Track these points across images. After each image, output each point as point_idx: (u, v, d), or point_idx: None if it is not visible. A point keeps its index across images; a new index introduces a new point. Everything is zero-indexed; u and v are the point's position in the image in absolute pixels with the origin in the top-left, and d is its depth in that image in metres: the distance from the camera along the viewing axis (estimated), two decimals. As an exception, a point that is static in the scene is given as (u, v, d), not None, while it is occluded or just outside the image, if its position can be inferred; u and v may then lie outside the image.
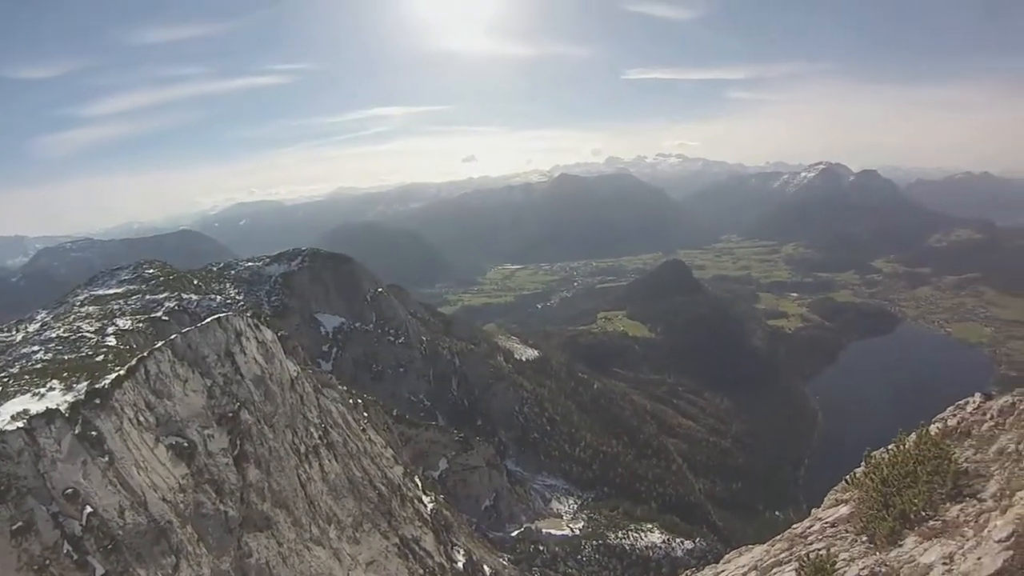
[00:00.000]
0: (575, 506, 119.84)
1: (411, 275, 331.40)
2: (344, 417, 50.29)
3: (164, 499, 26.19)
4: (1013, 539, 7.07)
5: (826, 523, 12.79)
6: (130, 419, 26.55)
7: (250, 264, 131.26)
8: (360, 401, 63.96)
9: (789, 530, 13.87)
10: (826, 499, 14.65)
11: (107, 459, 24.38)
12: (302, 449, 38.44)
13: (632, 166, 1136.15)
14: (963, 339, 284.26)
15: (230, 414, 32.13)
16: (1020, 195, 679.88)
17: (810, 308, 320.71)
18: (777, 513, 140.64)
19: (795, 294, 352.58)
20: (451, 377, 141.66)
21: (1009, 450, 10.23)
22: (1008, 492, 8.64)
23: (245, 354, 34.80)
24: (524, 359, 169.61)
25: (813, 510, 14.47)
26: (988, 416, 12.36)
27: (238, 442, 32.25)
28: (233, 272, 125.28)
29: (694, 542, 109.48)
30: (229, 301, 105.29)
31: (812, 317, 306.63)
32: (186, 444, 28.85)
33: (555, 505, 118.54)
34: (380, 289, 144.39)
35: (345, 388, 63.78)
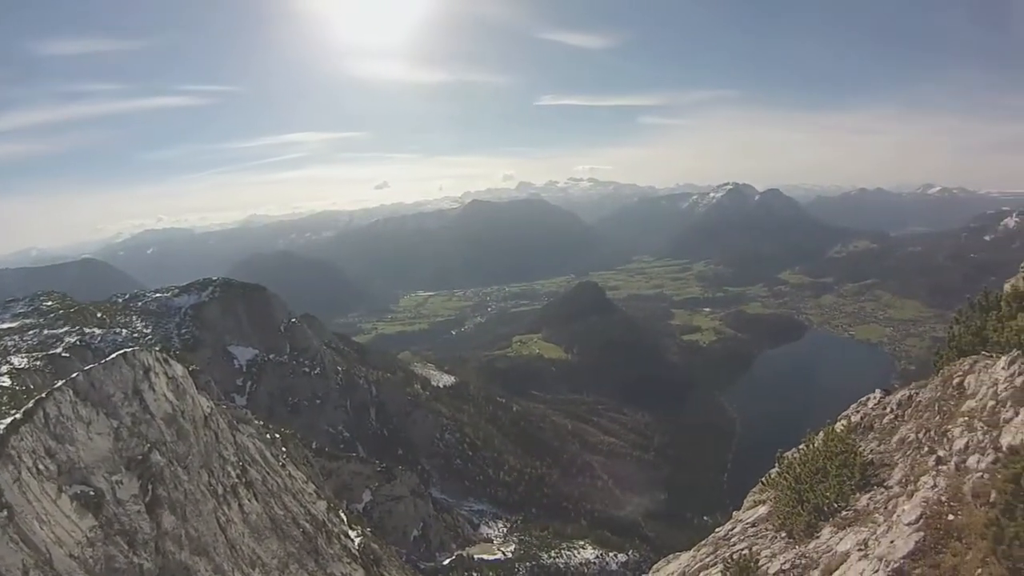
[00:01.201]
0: (504, 529, 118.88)
1: (325, 304, 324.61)
2: (262, 453, 48.51)
3: (71, 555, 24.56)
4: (922, 521, 7.38)
5: (747, 524, 13.08)
6: (29, 468, 24.81)
7: (158, 295, 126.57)
8: (278, 436, 61.79)
9: (713, 534, 14.13)
10: (745, 501, 15.01)
11: (5, 514, 22.74)
12: (220, 490, 36.77)
13: (544, 191, 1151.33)
14: (865, 340, 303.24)
15: (140, 457, 30.42)
16: (909, 207, 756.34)
17: (723, 321, 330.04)
18: (706, 518, 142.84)
19: (708, 309, 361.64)
20: (369, 407, 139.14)
21: (910, 439, 10.71)
22: (912, 478, 9.02)
23: (154, 391, 33.10)
24: (441, 385, 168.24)
25: (734, 513, 14.80)
26: (888, 410, 12.98)
27: (150, 487, 30.52)
28: (140, 304, 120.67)
29: (627, 555, 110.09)
30: (136, 335, 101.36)
31: (725, 330, 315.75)
32: (92, 493, 27.15)
33: (484, 530, 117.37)
34: (294, 319, 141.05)
35: (262, 423, 61.71)
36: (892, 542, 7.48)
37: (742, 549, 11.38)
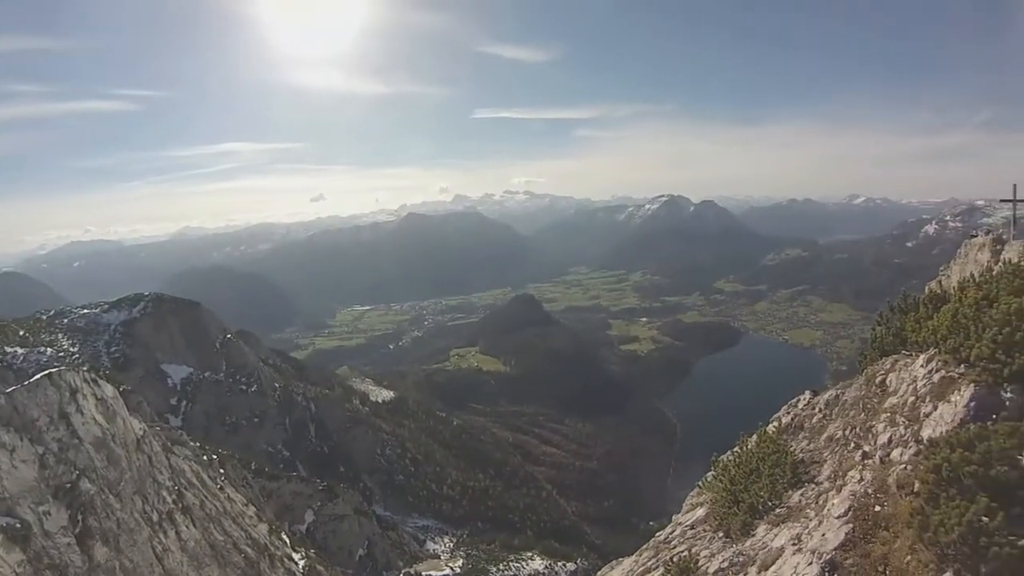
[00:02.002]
0: (451, 544, 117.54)
1: (261, 319, 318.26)
2: (199, 476, 46.94)
3: (-3, 591, 23.50)
4: (850, 513, 7.71)
5: (686, 526, 13.34)
6: (-51, 503, 23.71)
7: (86, 311, 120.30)
8: (215, 457, 60.00)
9: (654, 538, 14.35)
10: (684, 505, 15.32)
11: (-76, 551, 21.65)
12: (155, 517, 35.30)
13: (480, 204, 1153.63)
14: (798, 344, 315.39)
15: (68, 485, 28.97)
16: (836, 216, 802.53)
17: (660, 330, 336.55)
18: (651, 523, 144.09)
19: (645, 319, 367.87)
20: (308, 424, 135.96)
21: (837, 436, 11.13)
22: (841, 473, 9.38)
23: (82, 414, 31.59)
24: (380, 400, 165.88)
25: (674, 516, 15.06)
26: (817, 409, 13.46)
27: (80, 517, 29.09)
28: (66, 320, 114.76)
29: (576, 563, 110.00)
30: (62, 354, 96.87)
31: (663, 339, 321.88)
32: (18, 525, 25.83)
33: (431, 546, 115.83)
34: (230, 335, 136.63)
35: (198, 444, 59.72)
36: (824, 535, 7.78)
37: (682, 551, 11.63)
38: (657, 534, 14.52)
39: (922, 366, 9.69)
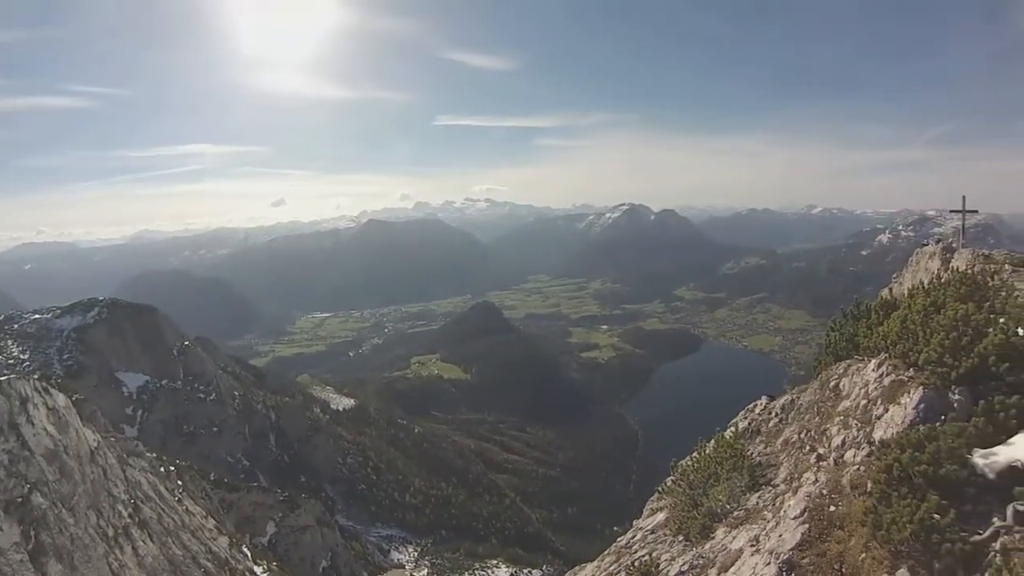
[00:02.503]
0: (415, 554, 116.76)
1: (219, 326, 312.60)
2: (156, 489, 45.98)
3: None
4: (806, 514, 7.90)
5: (647, 531, 13.49)
6: None
7: (37, 316, 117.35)
8: (173, 468, 58.75)
9: (615, 543, 14.48)
10: (645, 509, 15.50)
11: None
12: (111, 532, 34.44)
13: (441, 211, 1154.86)
14: (758, 349, 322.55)
15: (19, 499, 28.14)
16: (794, 226, 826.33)
17: (620, 338, 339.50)
18: (616, 528, 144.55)
19: (605, 326, 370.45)
20: (268, 433, 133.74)
21: (792, 440, 11.41)
22: (796, 475, 9.62)
23: (33, 425, 30.71)
24: (341, 409, 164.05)
25: (635, 521, 15.22)
26: (773, 414, 13.80)
27: (32, 533, 28.30)
28: (16, 326, 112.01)
29: (541, 570, 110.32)
30: (11, 361, 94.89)
31: (623, 346, 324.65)
32: (-32, 542, 25.30)
33: (395, 556, 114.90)
34: (187, 342, 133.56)
35: (155, 455, 58.54)
36: (780, 536, 7.95)
37: (643, 555, 11.76)
38: (618, 539, 14.65)
39: (873, 370, 10.01)
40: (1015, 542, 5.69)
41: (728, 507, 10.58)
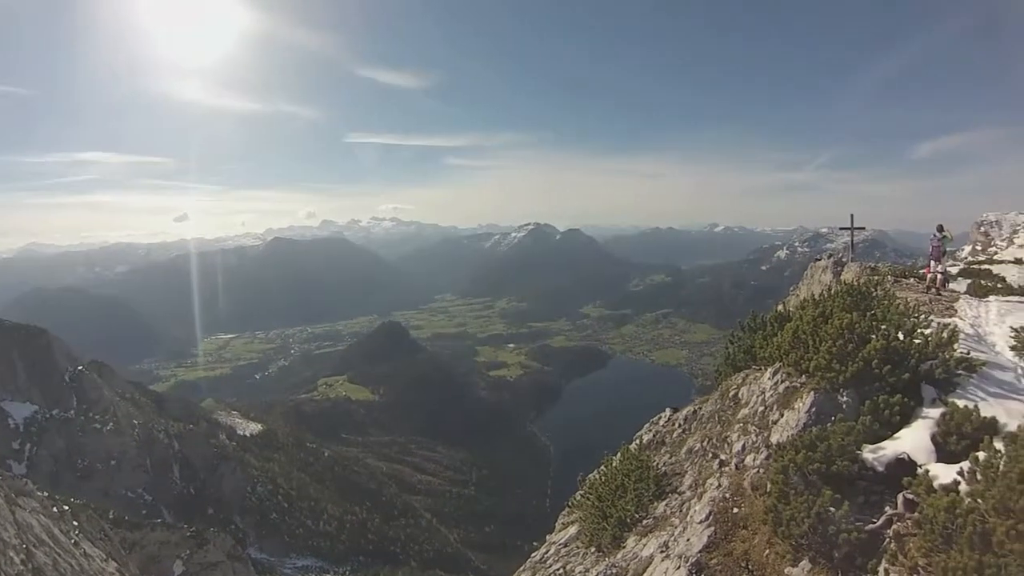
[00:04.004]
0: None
1: (116, 349, 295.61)
2: (50, 531, 43.41)
3: None
4: (711, 517, 8.30)
5: (560, 545, 13.72)
6: None
7: None
8: (67, 508, 55.42)
9: (529, 559, 14.64)
10: (556, 524, 15.78)
11: None
12: (-2, 579, 32.48)
13: (346, 229, 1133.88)
14: (665, 363, 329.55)
15: None
16: (698, 243, 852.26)
17: (528, 356, 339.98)
18: (535, 544, 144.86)
19: (512, 344, 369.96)
20: (172, 464, 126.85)
21: (696, 448, 11.91)
22: (701, 481, 10.04)
23: None
24: (248, 434, 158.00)
25: (548, 536, 15.44)
26: (677, 425, 14.37)
27: (-91, 582, 26.65)
28: None
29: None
30: None
31: (531, 364, 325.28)
32: None
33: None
34: (81, 367, 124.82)
35: (46, 494, 55.05)
36: (688, 540, 8.29)
37: (558, 569, 11.97)
38: (533, 555, 14.81)
39: (769, 379, 10.62)
40: (907, 527, 6.21)
41: (637, 516, 10.89)
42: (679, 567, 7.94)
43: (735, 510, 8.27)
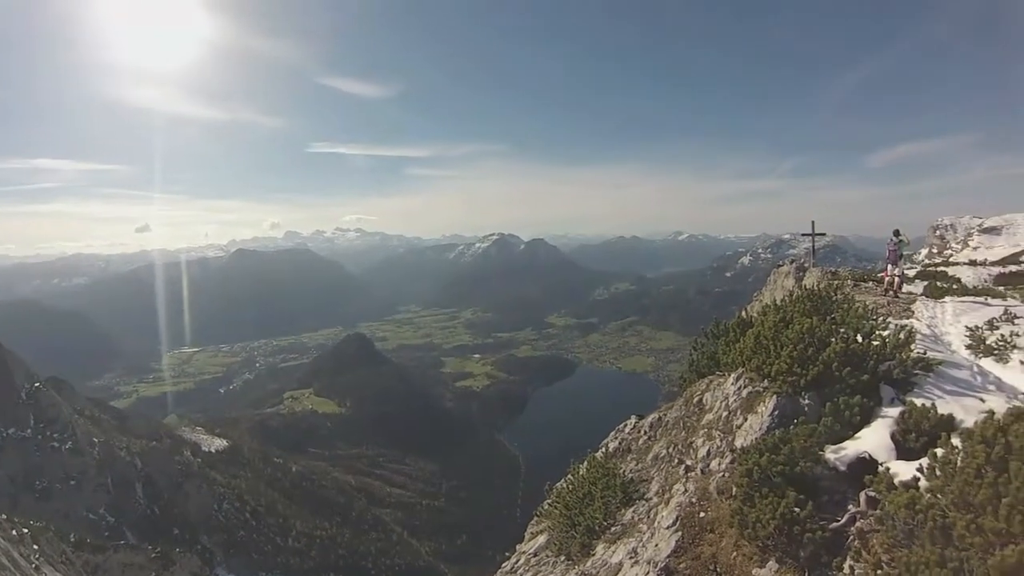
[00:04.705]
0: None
1: (75, 364, 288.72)
2: (9, 555, 42.25)
3: None
4: (679, 522, 8.40)
5: (530, 554, 13.75)
6: None
7: None
8: (27, 531, 54.20)
9: (500, 569, 14.65)
10: (526, 534, 15.83)
11: None
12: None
13: (311, 240, 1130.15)
14: (632, 371, 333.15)
15: None
16: (662, 252, 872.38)
17: (494, 366, 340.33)
18: (507, 554, 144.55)
19: (478, 355, 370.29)
20: (134, 483, 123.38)
21: (662, 455, 12.05)
22: (667, 487, 10.14)
23: None
24: (213, 450, 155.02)
25: (518, 546, 15.47)
26: (642, 432, 14.53)
27: None
28: None
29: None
30: None
31: (497, 374, 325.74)
32: None
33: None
34: (38, 383, 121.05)
35: (4, 517, 53.87)
36: (657, 545, 8.36)
37: (529, 577, 11.96)
38: (503, 565, 14.82)
39: (732, 384, 10.80)
40: (870, 524, 6.38)
41: (605, 523, 10.96)
42: (648, 572, 8.00)
43: (702, 514, 8.37)
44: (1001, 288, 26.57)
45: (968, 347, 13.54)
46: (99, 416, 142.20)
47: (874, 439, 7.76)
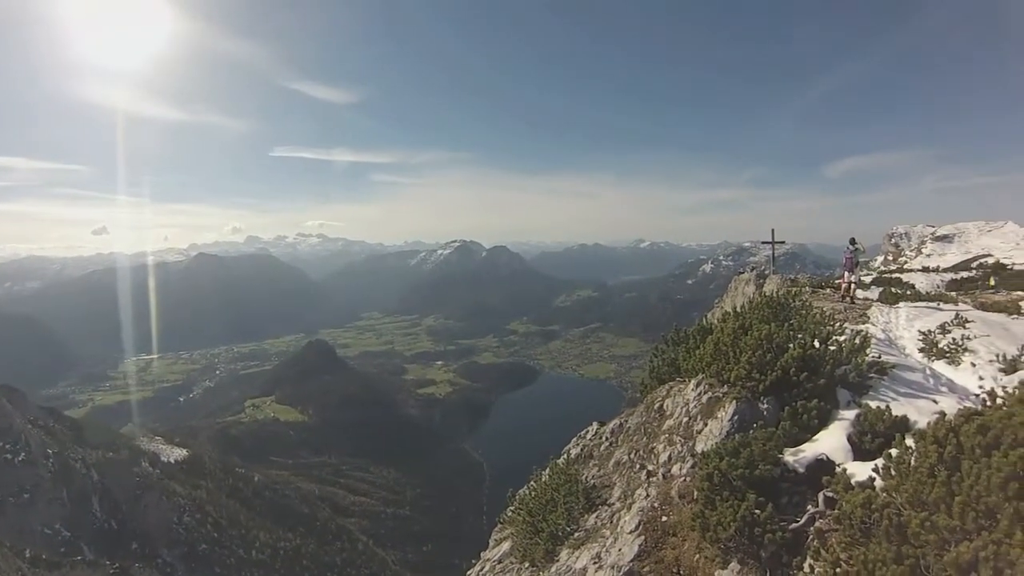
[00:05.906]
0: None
1: (28, 372, 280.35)
2: (-46, 575, 40.98)
3: None
4: (641, 527, 8.47)
5: (494, 561, 13.76)
6: None
7: None
8: (-26, 551, 52.74)
9: (464, 576, 14.67)
10: (490, 541, 15.86)
11: None
12: None
13: (272, 246, 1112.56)
14: (594, 377, 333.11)
15: None
16: (624, 259, 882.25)
17: (457, 373, 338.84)
18: (474, 562, 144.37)
19: (440, 362, 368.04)
20: (91, 496, 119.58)
21: (623, 460, 12.15)
22: (629, 492, 10.23)
23: None
24: (173, 460, 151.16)
25: (481, 553, 15.49)
26: (604, 438, 14.66)
27: None
28: None
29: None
30: None
31: (460, 381, 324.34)
32: None
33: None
34: None
35: (-49, 538, 52.27)
36: (620, 550, 8.42)
37: (493, 585, 11.96)
38: (468, 573, 14.83)
39: (693, 390, 10.95)
40: (828, 524, 6.53)
41: (568, 529, 11.01)
42: (612, 577, 8.07)
43: (664, 518, 8.45)
44: (953, 293, 27.43)
45: (921, 350, 13.90)
46: (53, 426, 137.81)
47: (831, 441, 7.96)
